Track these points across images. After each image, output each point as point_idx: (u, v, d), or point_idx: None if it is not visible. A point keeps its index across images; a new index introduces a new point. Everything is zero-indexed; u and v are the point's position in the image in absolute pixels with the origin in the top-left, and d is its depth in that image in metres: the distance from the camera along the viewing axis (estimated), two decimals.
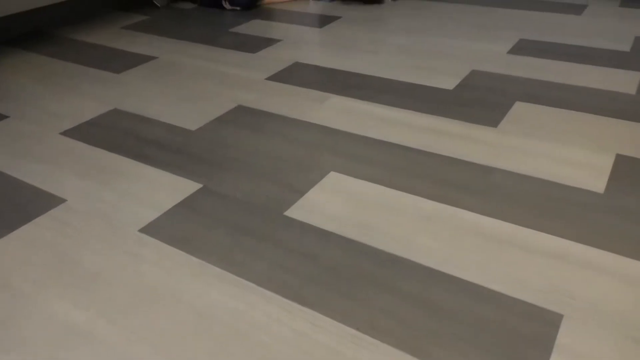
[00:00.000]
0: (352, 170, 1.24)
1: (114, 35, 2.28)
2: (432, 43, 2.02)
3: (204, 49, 2.07)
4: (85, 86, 1.78)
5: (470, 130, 1.39)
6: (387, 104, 1.56)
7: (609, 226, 1.03)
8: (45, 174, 1.29)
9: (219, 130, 1.46)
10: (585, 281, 0.91)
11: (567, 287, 0.90)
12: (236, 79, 1.78)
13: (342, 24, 2.30)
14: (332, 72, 1.80)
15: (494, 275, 0.93)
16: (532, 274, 0.93)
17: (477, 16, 2.31)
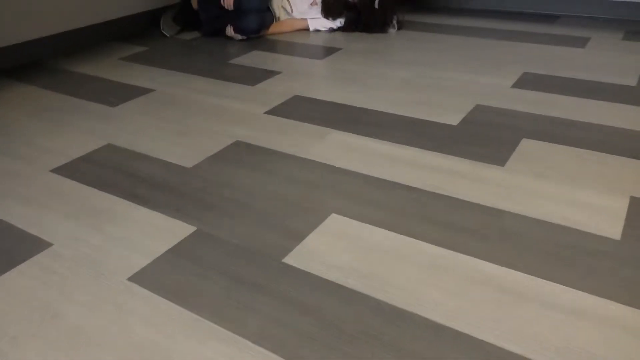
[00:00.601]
0: (354, 212, 1.19)
1: (111, 66, 2.24)
2: (435, 76, 1.98)
3: (202, 81, 2.04)
4: (79, 120, 1.73)
5: (477, 169, 1.34)
6: (390, 140, 1.51)
7: (627, 277, 0.97)
8: (32, 216, 1.23)
9: (216, 168, 1.40)
10: (606, 340, 0.84)
11: (587, 346, 0.83)
12: (234, 113, 1.73)
13: (343, 56, 2.27)
14: (332, 106, 1.76)
15: (507, 333, 0.86)
16: (548, 331, 0.86)
17: (480, 49, 2.28)
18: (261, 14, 2.51)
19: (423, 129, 1.57)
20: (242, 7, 2.46)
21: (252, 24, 2.47)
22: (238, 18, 2.48)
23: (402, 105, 1.74)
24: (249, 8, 2.46)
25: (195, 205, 1.24)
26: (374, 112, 1.70)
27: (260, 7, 2.50)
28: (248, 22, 2.47)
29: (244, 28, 2.49)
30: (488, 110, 1.67)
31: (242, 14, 2.47)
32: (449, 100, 1.77)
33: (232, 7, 2.46)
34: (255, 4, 2.47)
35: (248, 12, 2.47)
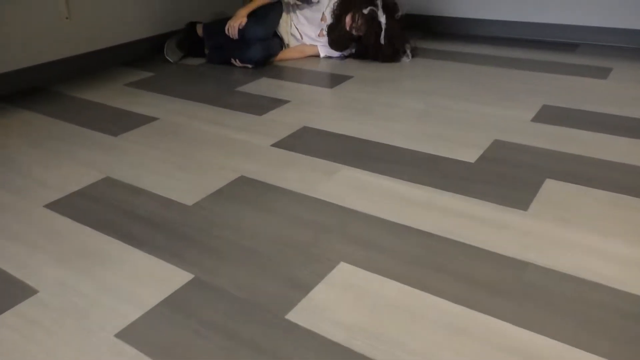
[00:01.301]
0: (364, 261, 1.09)
1: (116, 93, 2.19)
2: (450, 108, 1.90)
3: (208, 109, 1.97)
4: (79, 150, 1.66)
5: (498, 213, 1.25)
6: (403, 178, 1.42)
7: None
8: (20, 257, 1.15)
9: (218, 206, 1.32)
10: None
11: None
12: (240, 145, 1.66)
13: (353, 85, 2.20)
14: (343, 139, 1.68)
15: None
16: None
17: (496, 78, 2.20)
18: (266, 43, 2.45)
19: (438, 166, 1.48)
20: (246, 37, 2.40)
21: (257, 54, 2.41)
22: (242, 48, 2.42)
23: (416, 139, 1.65)
24: (253, 38, 2.40)
25: (194, 249, 1.15)
26: (386, 146, 1.62)
27: (264, 36, 2.44)
28: (252, 52, 2.41)
29: (249, 58, 2.42)
30: (508, 146, 1.58)
31: (246, 43, 2.42)
32: (465, 134, 1.68)
33: (237, 36, 2.40)
34: (259, 33, 2.41)
35: (252, 42, 2.41)
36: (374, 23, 2.36)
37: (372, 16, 2.35)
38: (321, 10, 2.51)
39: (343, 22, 2.41)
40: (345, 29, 2.41)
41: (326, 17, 2.50)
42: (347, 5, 2.41)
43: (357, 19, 2.37)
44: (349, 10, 2.39)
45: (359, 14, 2.36)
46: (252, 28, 2.40)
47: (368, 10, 2.34)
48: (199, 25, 2.62)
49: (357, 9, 2.37)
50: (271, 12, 2.48)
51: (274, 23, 2.51)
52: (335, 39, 2.47)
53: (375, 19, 2.35)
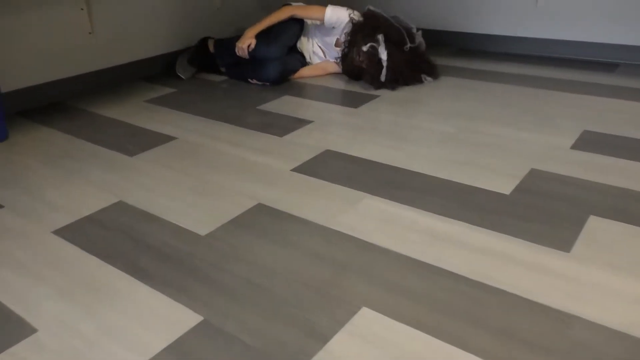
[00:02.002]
0: (389, 307, 0.99)
1: (135, 109, 2.14)
2: (481, 132, 1.79)
3: (227, 129, 1.90)
4: (93, 170, 1.61)
5: (538, 254, 1.13)
6: (432, 210, 1.32)
7: None
8: (22, 290, 1.08)
9: (233, 237, 1.24)
10: None
11: None
12: (259, 169, 1.58)
13: (379, 105, 2.10)
14: (367, 164, 1.59)
15: None
16: None
17: (531, 100, 2.08)
18: (281, 61, 2.36)
19: (470, 198, 1.37)
20: (258, 56, 2.33)
21: (273, 73, 2.33)
22: (257, 68, 2.35)
23: (446, 167, 1.55)
24: (266, 57, 2.33)
25: (204, 286, 1.07)
26: (414, 173, 1.52)
27: (276, 55, 2.35)
28: (268, 72, 2.33)
29: (265, 78, 2.35)
30: (546, 177, 1.47)
31: (260, 63, 2.34)
32: (499, 161, 1.57)
33: (247, 56, 2.33)
34: (271, 53, 2.32)
35: (266, 61, 2.33)
36: (374, 60, 2.18)
37: (372, 53, 2.18)
38: (336, 35, 2.40)
39: (352, 54, 2.27)
40: (353, 61, 2.27)
41: (340, 43, 2.39)
42: (353, 37, 2.25)
43: (359, 55, 2.22)
44: (354, 44, 2.24)
45: (359, 51, 2.20)
46: (263, 49, 2.32)
47: (367, 47, 2.16)
48: (211, 41, 2.56)
49: (358, 45, 2.20)
50: (284, 31, 2.38)
51: (288, 41, 2.40)
52: (347, 70, 2.36)
53: (375, 56, 2.17)
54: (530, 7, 2.66)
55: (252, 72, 2.37)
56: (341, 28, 2.35)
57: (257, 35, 2.33)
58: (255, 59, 2.34)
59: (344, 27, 2.33)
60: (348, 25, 2.30)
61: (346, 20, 2.32)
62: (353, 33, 2.26)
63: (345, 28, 2.33)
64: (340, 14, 2.32)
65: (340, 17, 2.32)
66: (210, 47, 2.55)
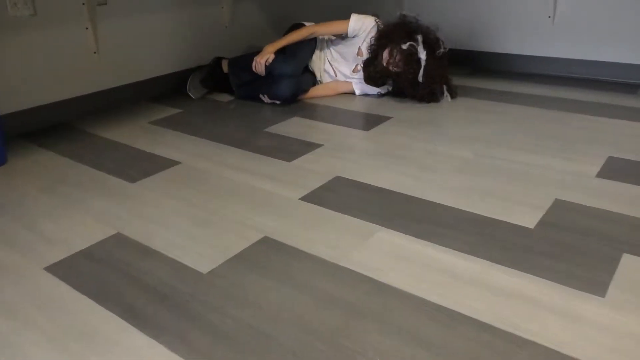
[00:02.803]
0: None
1: (139, 131, 2.07)
2: (500, 157, 1.70)
3: (234, 153, 1.83)
4: (92, 199, 1.53)
5: (569, 299, 1.03)
6: (450, 246, 1.23)
7: None
8: (7, 334, 1.00)
9: (237, 275, 1.15)
10: None
11: None
12: (266, 197, 1.50)
13: (392, 127, 2.02)
14: (380, 193, 1.50)
15: None
16: None
17: (551, 123, 1.99)
18: (295, 79, 2.30)
19: (492, 232, 1.28)
20: (274, 73, 2.27)
21: (286, 91, 2.27)
22: (271, 84, 2.29)
23: (464, 196, 1.46)
24: (281, 74, 2.27)
25: (204, 333, 0.98)
26: (430, 204, 1.43)
27: (293, 72, 2.29)
28: (281, 89, 2.27)
29: (278, 95, 2.29)
30: (572, 209, 1.37)
31: (275, 80, 2.28)
32: (520, 191, 1.48)
33: (264, 73, 2.27)
34: (288, 69, 2.27)
35: (281, 78, 2.27)
36: (413, 59, 2.18)
37: (411, 52, 2.17)
38: (357, 44, 2.36)
39: (380, 57, 2.24)
40: (382, 65, 2.24)
41: (362, 52, 2.35)
42: (385, 39, 2.24)
43: (395, 54, 2.20)
44: (387, 45, 2.22)
45: (397, 49, 2.19)
46: (280, 65, 2.26)
47: (407, 45, 2.17)
48: (225, 60, 2.50)
49: (396, 43, 2.19)
50: (301, 49, 2.35)
51: (304, 60, 2.37)
52: (371, 75, 2.30)
53: (414, 55, 2.18)
54: (547, 26, 2.58)
55: (266, 88, 2.30)
56: (363, 36, 2.33)
57: (275, 52, 2.28)
58: (270, 76, 2.28)
59: (369, 32, 2.31)
60: (373, 30, 2.30)
61: (371, 26, 2.31)
62: (384, 36, 2.25)
63: (370, 33, 2.31)
64: (366, 20, 2.32)
65: (365, 23, 2.32)
66: (224, 67, 2.49)
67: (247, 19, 2.93)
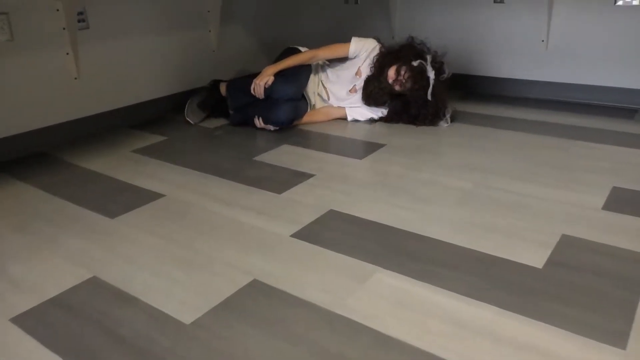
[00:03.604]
0: None
1: (122, 161, 1.97)
2: (500, 188, 1.62)
3: (221, 185, 1.73)
4: (67, 237, 1.43)
5: (586, 351, 0.95)
6: (453, 289, 1.14)
7: None
8: None
9: (223, 327, 1.05)
10: None
11: None
12: (255, 235, 1.40)
13: (386, 155, 1.94)
14: (376, 228, 1.41)
15: None
16: None
17: (550, 151, 1.93)
18: (294, 104, 2.23)
19: (498, 272, 1.19)
20: (273, 96, 2.19)
21: (284, 115, 2.19)
22: (269, 108, 2.21)
23: (465, 232, 1.37)
24: (281, 97, 2.19)
25: None
26: (430, 240, 1.34)
27: (294, 96, 2.23)
28: (280, 113, 2.19)
29: (275, 119, 2.20)
30: (581, 245, 1.29)
31: (273, 103, 2.20)
32: (524, 225, 1.40)
33: (263, 95, 2.19)
34: (288, 92, 2.20)
35: (280, 101, 2.19)
36: (423, 77, 2.16)
37: (421, 69, 2.15)
38: (357, 64, 2.32)
39: (385, 74, 2.20)
40: (386, 82, 2.20)
41: (361, 72, 2.30)
42: (392, 57, 2.23)
43: (403, 72, 2.17)
44: (394, 63, 2.20)
45: (407, 67, 2.17)
46: (281, 87, 2.19)
47: (418, 63, 2.15)
48: (223, 83, 2.42)
49: (404, 61, 2.17)
50: (301, 72, 2.29)
51: (303, 83, 2.31)
52: (373, 92, 2.25)
53: (424, 73, 2.15)
54: (540, 50, 2.54)
55: (264, 111, 2.22)
56: (364, 57, 2.30)
57: (274, 75, 2.21)
58: (269, 99, 2.20)
59: (370, 53, 2.30)
60: (375, 51, 2.29)
61: (372, 47, 2.30)
62: (393, 53, 2.24)
63: (371, 53, 2.29)
64: (367, 42, 2.32)
65: (366, 45, 2.31)
66: (222, 90, 2.41)
67: (236, 42, 2.87)
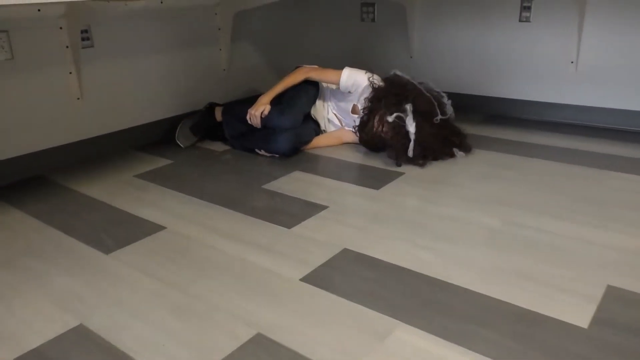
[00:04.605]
0: None
1: (122, 186, 1.86)
2: (530, 226, 1.47)
3: (226, 216, 1.61)
4: (57, 275, 1.30)
5: None
6: (486, 353, 0.99)
7: None
8: None
9: None
10: None
11: None
12: (260, 278, 1.27)
13: (403, 186, 1.80)
14: (395, 272, 1.27)
15: None
16: None
17: (583, 182, 1.77)
18: (295, 132, 2.08)
19: (536, 333, 1.04)
20: (270, 126, 2.07)
21: (285, 145, 2.05)
22: (268, 138, 2.08)
23: (497, 279, 1.23)
24: (278, 126, 2.06)
25: None
26: (457, 289, 1.20)
27: (292, 126, 2.07)
28: (280, 143, 2.05)
29: (276, 150, 2.07)
30: (630, 300, 1.14)
31: (272, 133, 2.08)
32: (563, 272, 1.25)
33: (260, 125, 2.07)
34: (286, 122, 2.05)
35: (279, 131, 2.07)
36: (401, 132, 1.89)
37: (398, 124, 1.89)
38: (352, 101, 2.14)
39: (372, 123, 2.00)
40: (372, 131, 2.00)
41: (358, 109, 2.12)
42: (375, 104, 1.99)
43: (382, 126, 1.95)
44: (379, 110, 1.96)
45: (385, 120, 1.92)
46: (277, 118, 2.05)
47: (393, 117, 1.88)
48: (218, 108, 2.31)
49: (383, 112, 1.93)
50: (299, 98, 2.13)
51: (302, 109, 2.14)
52: (365, 140, 2.08)
53: (402, 128, 1.89)
54: (570, 72, 2.39)
55: (262, 142, 2.09)
56: (358, 93, 2.10)
57: (271, 102, 2.08)
58: (266, 128, 2.08)
59: (362, 92, 2.08)
60: (367, 90, 2.05)
61: (364, 85, 2.06)
62: (375, 99, 1.99)
63: (363, 93, 2.07)
64: (358, 77, 2.07)
65: (357, 81, 2.07)
66: (217, 114, 2.29)
67: (247, 61, 2.77)
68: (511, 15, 2.48)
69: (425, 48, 2.76)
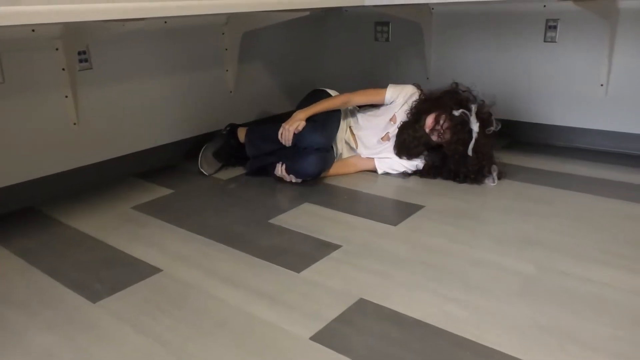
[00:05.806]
0: None
1: (118, 220, 1.72)
2: (572, 275, 1.30)
3: (229, 256, 1.45)
4: (37, 330, 1.15)
5: None
6: None
7: None
8: None
9: None
10: None
11: None
12: (265, 336, 1.11)
13: (425, 221, 1.64)
14: (418, 330, 1.11)
15: None
16: None
17: (625, 220, 1.60)
18: (323, 155, 1.95)
19: None
20: (300, 145, 1.93)
21: (311, 168, 1.92)
22: (294, 157, 1.94)
23: (536, 341, 1.06)
24: (309, 146, 1.92)
25: None
26: (492, 353, 1.03)
27: (323, 146, 1.95)
28: (307, 165, 1.91)
29: (301, 171, 1.93)
30: None
31: (299, 153, 1.94)
32: (613, 333, 1.07)
33: (291, 142, 1.93)
34: (318, 141, 1.92)
35: (307, 151, 1.93)
36: (464, 129, 1.87)
37: (462, 120, 1.87)
38: (393, 110, 2.06)
39: (422, 122, 1.94)
40: (422, 131, 1.94)
41: (396, 118, 2.04)
42: (431, 103, 1.96)
43: (442, 121, 1.90)
44: (433, 110, 1.94)
45: (447, 115, 1.89)
46: (311, 135, 1.92)
47: (460, 112, 1.86)
48: (242, 128, 2.17)
49: (444, 109, 1.90)
50: (331, 120, 2.03)
51: (333, 132, 2.04)
52: (407, 141, 1.98)
53: (465, 125, 1.87)
54: (599, 95, 2.23)
55: (289, 161, 1.95)
56: (401, 102, 2.06)
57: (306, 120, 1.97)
58: (295, 147, 1.94)
59: (409, 98, 2.05)
60: (414, 96, 2.05)
61: (411, 92, 2.06)
62: (433, 99, 1.98)
63: (410, 98, 2.05)
64: (405, 87, 2.09)
65: (404, 90, 2.08)
66: (240, 135, 2.16)
67: (255, 83, 2.64)
68: (536, 35, 2.33)
69: (442, 69, 2.61)
